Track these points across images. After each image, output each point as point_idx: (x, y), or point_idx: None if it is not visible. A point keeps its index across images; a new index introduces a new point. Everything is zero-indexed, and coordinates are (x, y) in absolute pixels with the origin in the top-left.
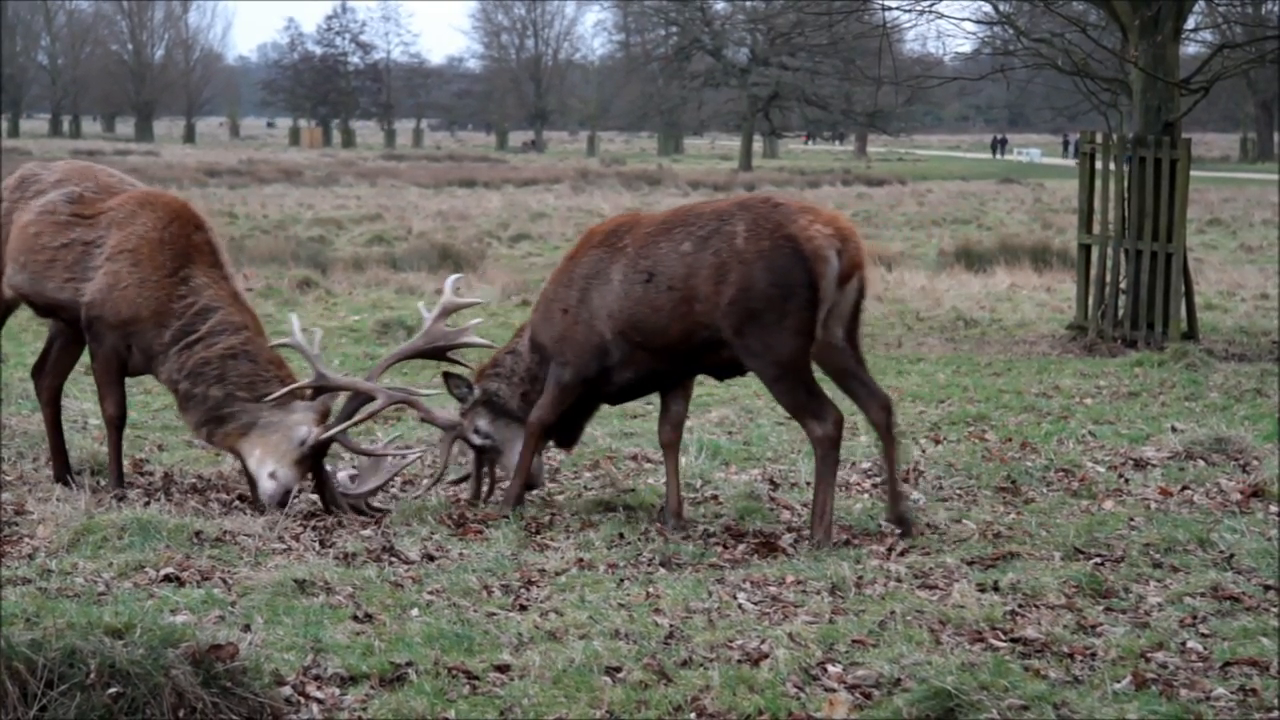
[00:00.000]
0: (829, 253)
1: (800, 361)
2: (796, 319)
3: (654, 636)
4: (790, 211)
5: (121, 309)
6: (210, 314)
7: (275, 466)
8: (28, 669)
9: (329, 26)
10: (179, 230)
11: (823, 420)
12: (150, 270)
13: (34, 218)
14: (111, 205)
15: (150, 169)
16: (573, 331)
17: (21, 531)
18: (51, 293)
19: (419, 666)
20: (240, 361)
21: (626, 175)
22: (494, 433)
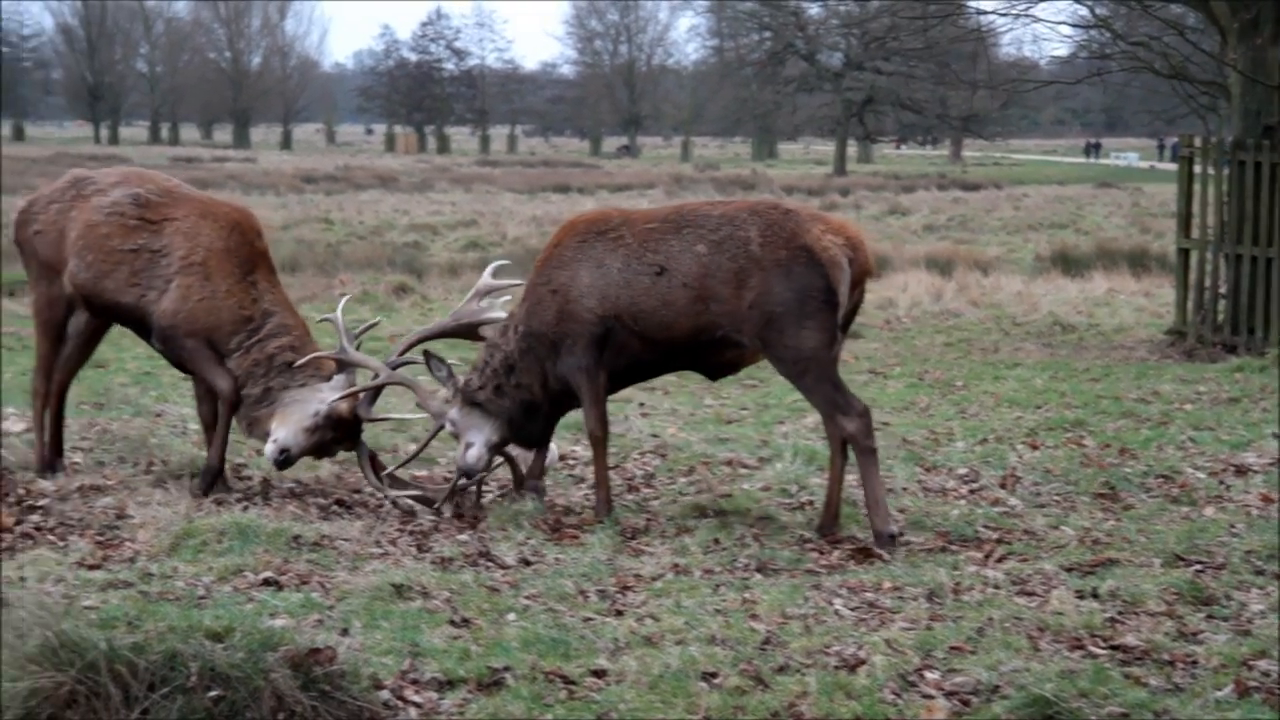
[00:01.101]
0: (843, 260)
1: (824, 358)
2: (818, 320)
3: (750, 642)
4: (803, 221)
5: (199, 320)
6: (269, 318)
7: (283, 431)
8: (130, 672)
9: (424, 33)
10: (241, 239)
11: (849, 414)
12: (220, 281)
13: (102, 218)
14: (175, 215)
15: (248, 175)
16: (568, 309)
17: (123, 535)
18: (112, 293)
19: (516, 671)
20: (284, 356)
21: (721, 180)
22: (459, 421)
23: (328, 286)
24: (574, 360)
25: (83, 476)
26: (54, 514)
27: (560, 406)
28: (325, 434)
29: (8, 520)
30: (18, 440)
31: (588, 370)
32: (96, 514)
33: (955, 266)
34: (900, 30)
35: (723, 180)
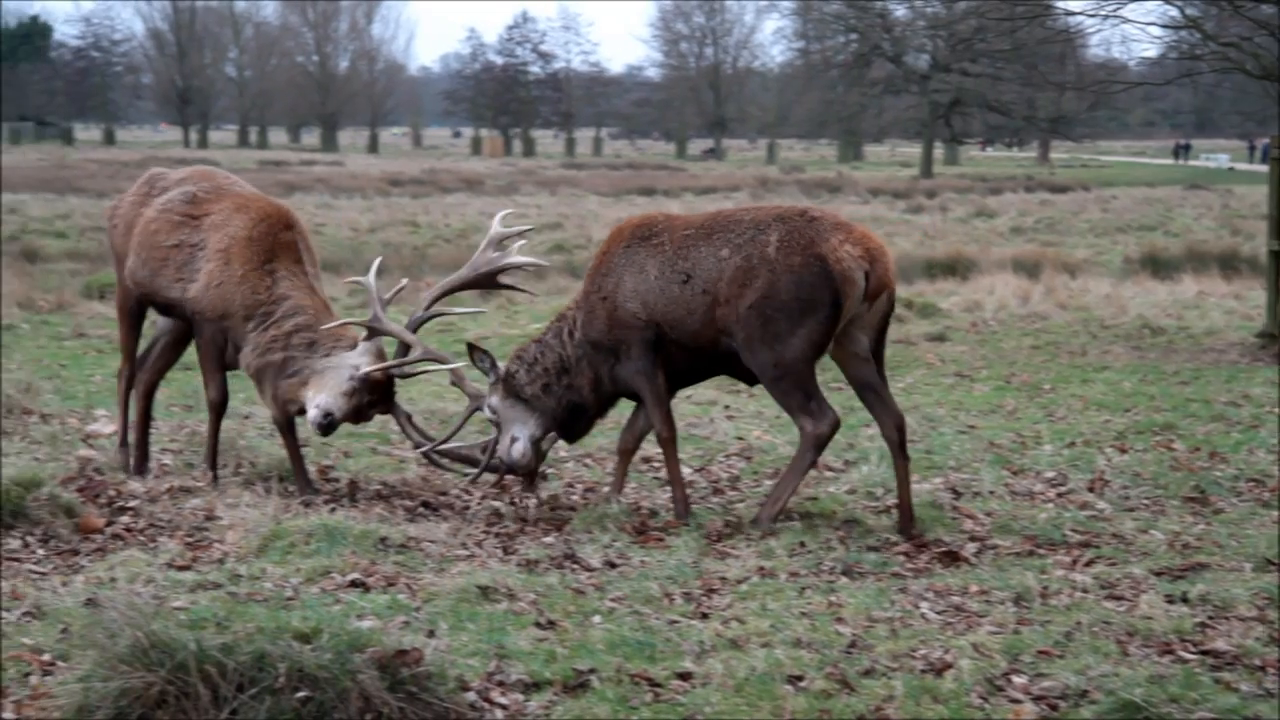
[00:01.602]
0: (857, 274)
1: (802, 367)
2: (812, 331)
3: (836, 645)
4: (824, 229)
5: (217, 304)
6: (284, 300)
7: (322, 396)
8: (219, 672)
9: (510, 36)
10: (267, 229)
11: (818, 420)
12: (239, 266)
13: (155, 215)
14: (214, 209)
15: (335, 179)
16: (617, 316)
17: (211, 536)
18: (164, 290)
19: (601, 673)
20: (302, 333)
21: (806, 182)
22: (500, 411)
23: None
24: (633, 364)
25: (172, 478)
26: (144, 515)
27: (605, 407)
28: (362, 397)
29: (98, 521)
30: (108, 442)
31: (646, 373)
32: (186, 515)
33: (1043, 269)
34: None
35: (808, 183)
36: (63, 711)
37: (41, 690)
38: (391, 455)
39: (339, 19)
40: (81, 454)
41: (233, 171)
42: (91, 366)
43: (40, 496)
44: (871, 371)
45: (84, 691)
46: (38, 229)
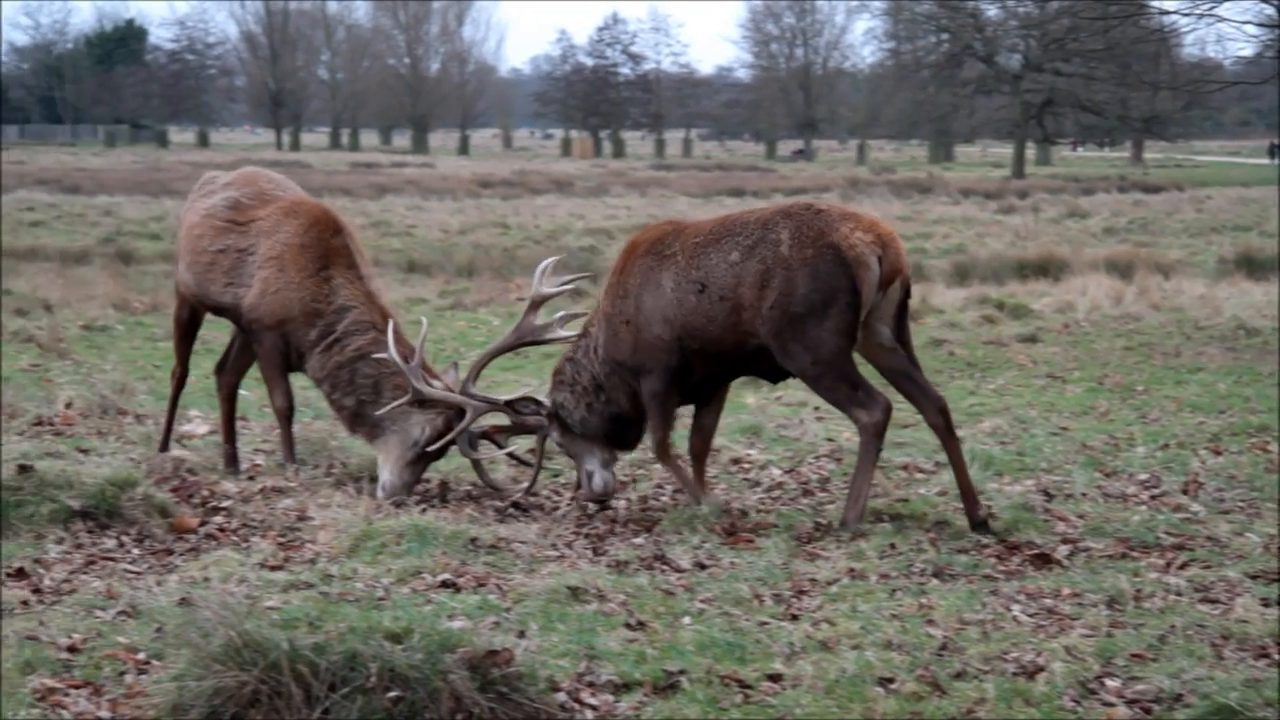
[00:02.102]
0: (870, 259)
1: (840, 359)
2: (837, 320)
3: (927, 648)
4: (832, 219)
5: (275, 311)
6: (346, 313)
7: (388, 469)
8: (311, 672)
9: (600, 38)
10: (318, 235)
11: (870, 409)
12: (295, 273)
13: (198, 220)
14: (261, 215)
15: (426, 181)
16: (642, 340)
17: (304, 537)
18: (214, 295)
19: (691, 675)
20: (367, 364)
21: (896, 183)
22: (567, 445)
23: (503, 290)
24: (649, 385)
25: (265, 478)
26: (237, 515)
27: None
28: (426, 462)
29: (192, 521)
30: (201, 442)
31: (659, 396)
32: (278, 515)
33: (1136, 270)
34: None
35: (898, 183)
36: (157, 710)
37: (136, 689)
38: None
39: (430, 21)
40: (175, 454)
41: (326, 174)
42: None
43: (135, 496)
44: (902, 359)
45: (178, 690)
46: (132, 231)
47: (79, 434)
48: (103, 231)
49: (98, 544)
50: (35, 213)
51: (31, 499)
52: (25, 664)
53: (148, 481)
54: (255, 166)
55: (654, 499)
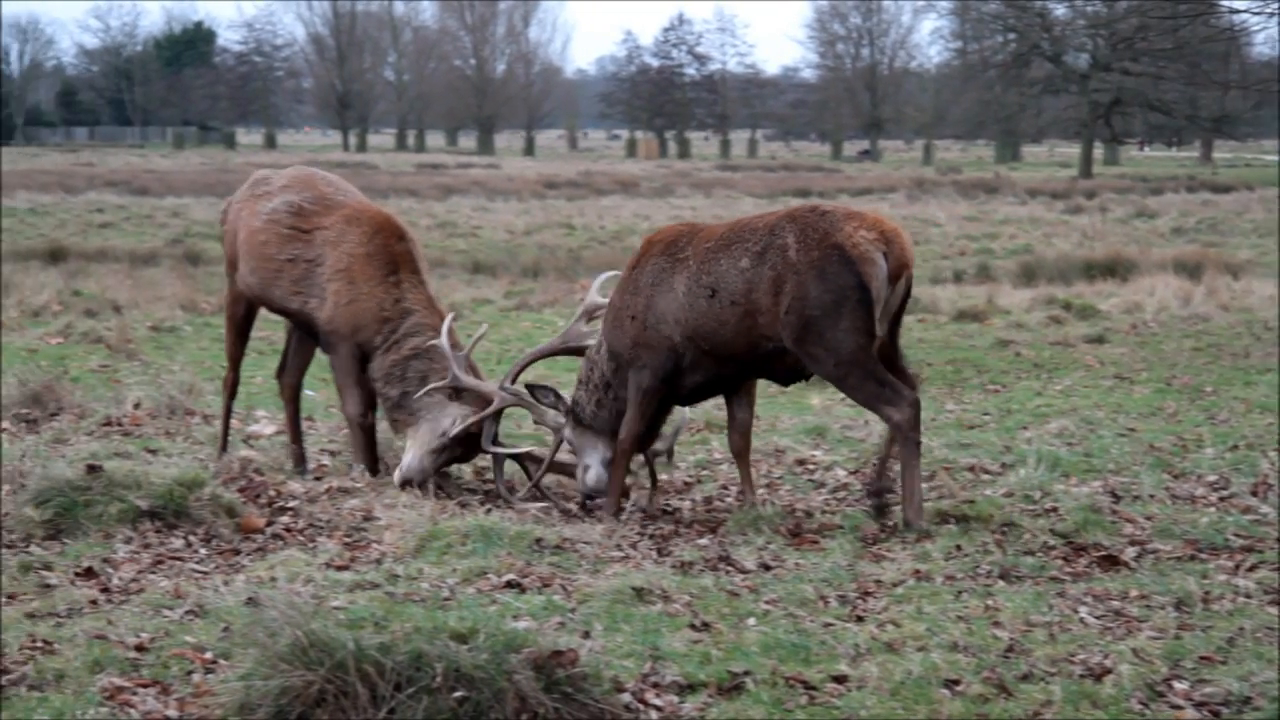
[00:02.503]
0: (876, 255)
1: (862, 357)
2: (853, 319)
3: (993, 649)
4: (836, 220)
5: (350, 322)
6: (409, 316)
7: (413, 452)
8: (377, 672)
9: (666, 39)
10: (383, 242)
11: (898, 406)
12: (364, 284)
13: (262, 225)
14: (326, 223)
15: (491, 181)
16: (644, 337)
17: (370, 537)
18: (280, 300)
19: (756, 676)
20: (420, 360)
21: (963, 183)
22: (574, 441)
23: (569, 291)
24: (637, 379)
25: (331, 479)
26: (303, 515)
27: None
28: (453, 452)
29: (259, 521)
30: (268, 442)
31: (645, 392)
32: (344, 516)
33: (1204, 270)
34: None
35: (965, 183)
36: (224, 709)
37: (204, 688)
38: None
39: (496, 22)
40: (242, 454)
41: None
42: (251, 368)
43: (203, 496)
44: (888, 348)
45: (245, 689)
46: (200, 232)
47: (147, 434)
48: (171, 233)
49: (165, 544)
50: (104, 214)
51: (100, 499)
52: (94, 663)
53: (215, 482)
54: (308, 166)
55: (718, 500)
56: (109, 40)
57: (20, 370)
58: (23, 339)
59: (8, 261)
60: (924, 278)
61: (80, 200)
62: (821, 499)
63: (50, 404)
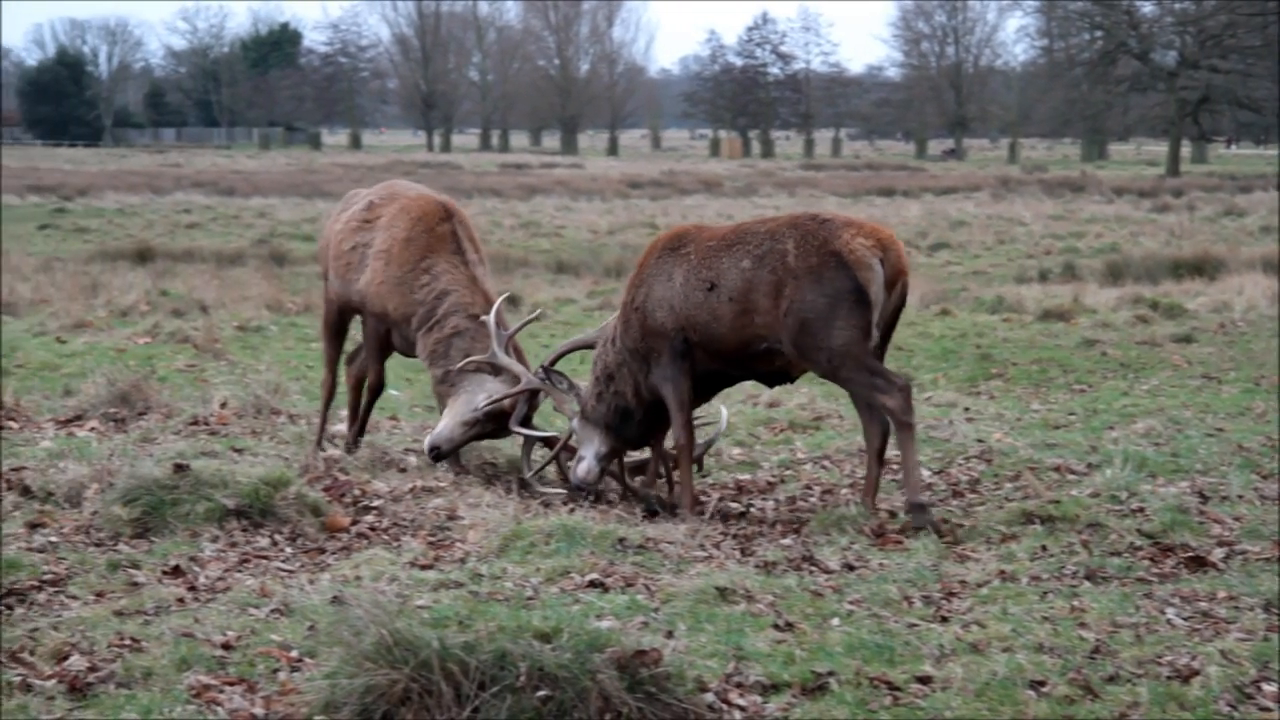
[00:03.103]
0: (872, 261)
1: (856, 350)
2: (849, 318)
3: (1079, 651)
4: (835, 227)
5: (375, 302)
6: (446, 296)
7: (446, 420)
8: (461, 670)
9: (750, 38)
10: (425, 227)
11: (890, 393)
12: (396, 267)
13: (341, 226)
14: (383, 212)
15: (575, 181)
16: (648, 325)
17: (454, 536)
18: (350, 294)
19: (840, 676)
20: (462, 338)
21: (1048, 182)
22: (577, 432)
23: None
24: (660, 371)
25: (415, 478)
26: (388, 514)
27: (657, 412)
28: (485, 427)
29: (344, 520)
30: None
31: (672, 380)
32: (428, 515)
33: None
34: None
35: (1050, 182)
36: (310, 707)
37: (289, 686)
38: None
39: (580, 22)
40: (327, 454)
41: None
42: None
43: (288, 495)
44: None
45: (330, 688)
46: (286, 232)
47: (233, 433)
48: (257, 233)
49: (251, 542)
50: (191, 215)
51: (187, 497)
52: (181, 660)
53: (301, 481)
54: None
55: (801, 500)
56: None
57: (109, 370)
58: (111, 339)
59: (96, 262)
60: (1008, 277)
61: (168, 201)
62: (906, 499)
63: (138, 403)
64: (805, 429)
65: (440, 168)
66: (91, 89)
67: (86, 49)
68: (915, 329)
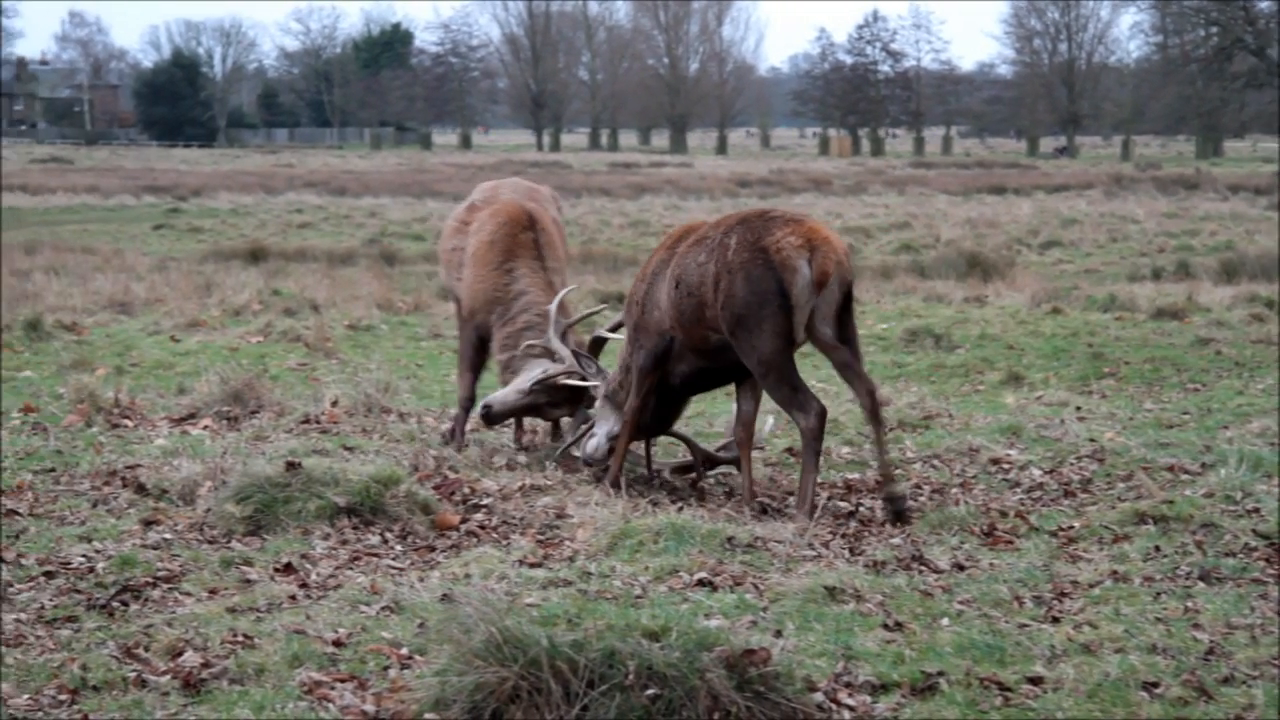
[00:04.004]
0: (798, 263)
1: (780, 360)
2: (773, 323)
3: (1193, 652)
4: (772, 224)
5: (470, 302)
6: (522, 296)
7: (504, 391)
8: (570, 669)
9: (860, 36)
10: (508, 232)
11: (806, 413)
12: (482, 268)
13: (447, 226)
14: (478, 216)
15: (683, 180)
16: (644, 320)
17: (562, 534)
18: (455, 291)
19: (950, 676)
20: (532, 331)
21: (1162, 180)
22: (596, 412)
23: None
24: (636, 360)
25: (524, 476)
26: (497, 513)
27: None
28: (538, 398)
29: (454, 518)
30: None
31: (642, 370)
32: (537, 513)
33: None
34: None
35: (1164, 179)
36: (420, 704)
37: (400, 683)
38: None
39: (690, 21)
40: (436, 452)
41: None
42: (447, 366)
43: (398, 493)
44: (845, 355)
45: (440, 685)
46: (397, 232)
47: (344, 432)
48: (368, 233)
49: (362, 540)
50: (303, 214)
51: (299, 495)
52: (293, 657)
53: (411, 479)
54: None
55: (911, 500)
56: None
57: (222, 368)
58: (224, 338)
59: (210, 261)
60: (1121, 275)
61: (280, 201)
62: (1016, 499)
63: (250, 402)
64: (915, 428)
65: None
66: (206, 90)
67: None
68: (1026, 328)
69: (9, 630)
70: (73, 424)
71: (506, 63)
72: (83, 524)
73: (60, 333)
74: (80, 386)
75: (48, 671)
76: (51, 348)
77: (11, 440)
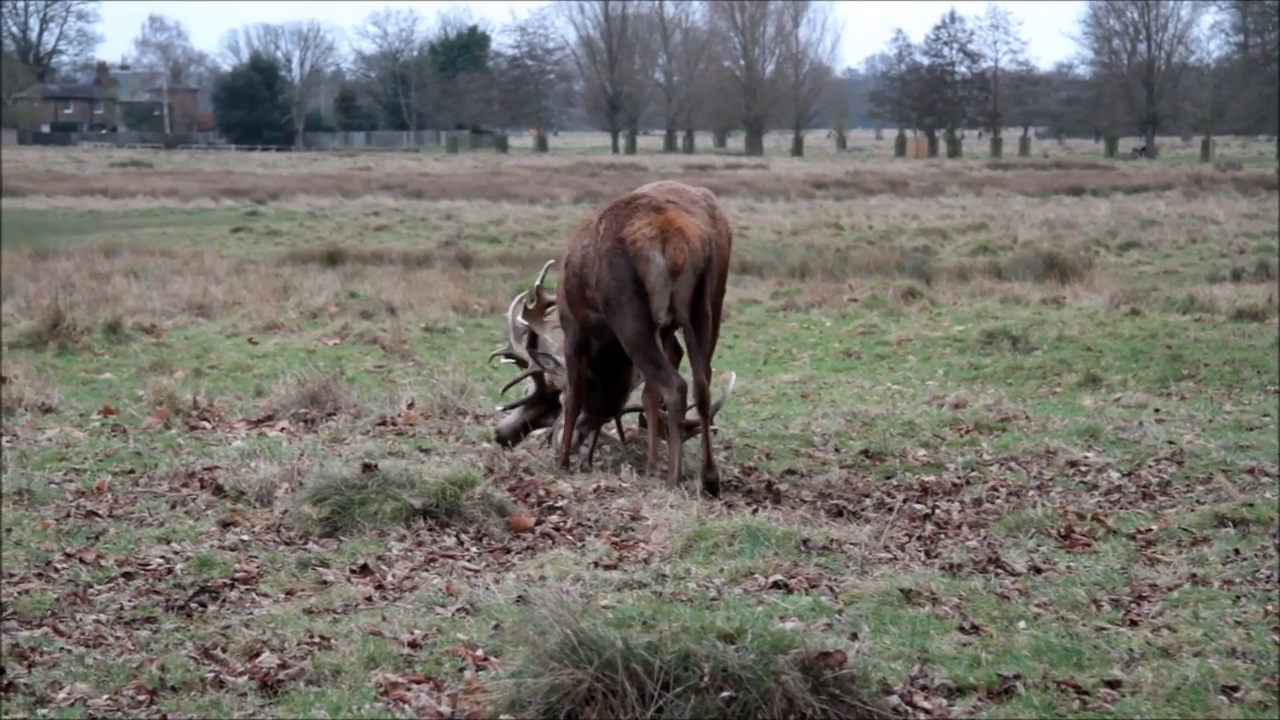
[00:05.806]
0: (650, 252)
1: (642, 340)
2: (631, 307)
3: (1273, 656)
4: (634, 213)
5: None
6: None
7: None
8: (645, 671)
9: (937, 36)
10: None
11: (668, 387)
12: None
13: None
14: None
15: (759, 182)
16: (564, 306)
17: (637, 536)
18: None
19: (1027, 680)
20: None
21: (1242, 180)
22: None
23: (836, 291)
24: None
25: (599, 478)
26: (572, 515)
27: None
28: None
29: (529, 520)
30: (537, 441)
31: (568, 358)
32: (612, 515)
33: None
34: None
35: (1245, 180)
36: (495, 706)
37: (475, 685)
38: (814, 456)
39: (766, 23)
40: (511, 454)
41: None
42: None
43: (474, 495)
44: (693, 338)
45: (516, 687)
46: (472, 234)
47: (420, 434)
48: (444, 235)
49: (438, 542)
50: (380, 217)
51: (375, 497)
52: (369, 658)
53: (486, 481)
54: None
55: (987, 502)
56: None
57: (299, 371)
58: (301, 340)
59: (287, 264)
60: (1200, 276)
61: (357, 204)
62: (1094, 501)
63: (327, 404)
64: (991, 430)
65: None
66: (284, 93)
67: (280, 54)
68: (1105, 329)
69: (89, 631)
70: (152, 426)
71: (583, 65)
72: (161, 525)
73: (139, 335)
74: (159, 389)
75: (126, 672)
76: (131, 350)
77: (91, 442)
